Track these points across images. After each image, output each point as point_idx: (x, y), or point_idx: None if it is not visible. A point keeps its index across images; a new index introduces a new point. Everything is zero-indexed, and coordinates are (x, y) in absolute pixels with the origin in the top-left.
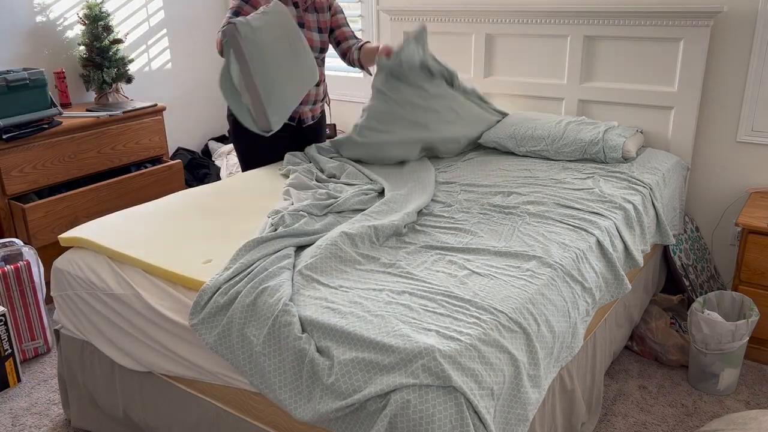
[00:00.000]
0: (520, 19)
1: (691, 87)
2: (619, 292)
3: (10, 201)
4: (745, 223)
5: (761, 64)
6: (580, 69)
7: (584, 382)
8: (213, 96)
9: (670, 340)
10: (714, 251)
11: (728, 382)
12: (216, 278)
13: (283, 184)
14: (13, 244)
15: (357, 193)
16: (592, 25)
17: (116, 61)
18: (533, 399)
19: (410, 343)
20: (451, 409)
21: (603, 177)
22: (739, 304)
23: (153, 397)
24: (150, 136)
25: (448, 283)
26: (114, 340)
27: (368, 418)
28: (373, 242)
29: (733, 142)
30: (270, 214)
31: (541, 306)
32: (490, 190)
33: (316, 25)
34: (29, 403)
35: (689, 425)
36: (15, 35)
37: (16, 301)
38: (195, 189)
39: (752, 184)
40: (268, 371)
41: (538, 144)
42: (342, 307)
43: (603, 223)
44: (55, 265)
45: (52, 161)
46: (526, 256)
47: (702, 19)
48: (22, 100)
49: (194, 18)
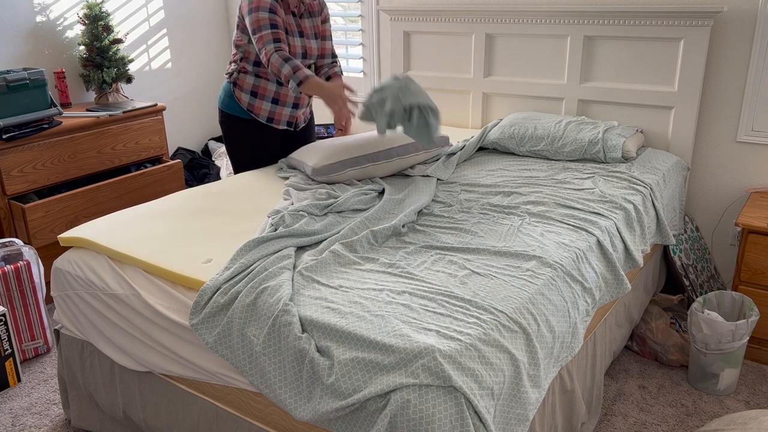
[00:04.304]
0: (520, 19)
1: (691, 87)
2: (619, 292)
3: (10, 201)
4: (745, 223)
5: (761, 64)
6: (580, 69)
7: (584, 382)
8: (213, 96)
9: (670, 340)
10: (714, 251)
11: (728, 382)
12: (216, 278)
13: (283, 184)
14: (13, 244)
15: (357, 193)
16: (592, 25)
17: (116, 61)
18: (533, 399)
19: (410, 342)
20: (451, 409)
21: (603, 177)
22: (739, 304)
23: (153, 397)
24: (150, 136)
25: (449, 283)
26: (114, 340)
27: (368, 418)
28: (372, 244)
29: (733, 142)
30: (270, 214)
31: (541, 306)
32: (490, 190)
33: (312, 31)
34: (29, 403)
35: (689, 425)
36: (15, 35)
37: (16, 301)
38: (195, 189)
39: (752, 184)
40: (268, 371)
41: (538, 144)
42: (342, 307)
43: (603, 223)
44: (55, 265)
45: (52, 161)
46: (526, 256)
47: (702, 19)
48: (22, 100)
49: (194, 18)
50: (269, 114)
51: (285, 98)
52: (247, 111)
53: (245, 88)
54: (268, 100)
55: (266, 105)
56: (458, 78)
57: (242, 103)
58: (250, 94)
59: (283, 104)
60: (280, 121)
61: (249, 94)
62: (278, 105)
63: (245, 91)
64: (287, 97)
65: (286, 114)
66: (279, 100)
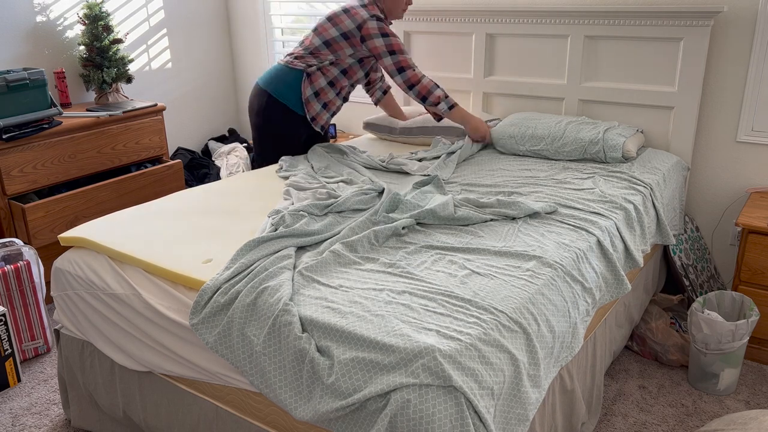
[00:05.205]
0: (521, 19)
1: (691, 87)
2: (619, 292)
3: (10, 201)
4: (745, 223)
5: (761, 64)
6: (581, 69)
7: (584, 382)
8: (213, 96)
9: (670, 340)
10: (714, 251)
11: (728, 382)
12: (216, 278)
13: (283, 184)
14: (13, 244)
15: (357, 193)
16: (592, 25)
17: (116, 61)
18: (533, 399)
19: (410, 342)
20: (451, 408)
21: (603, 177)
22: (739, 304)
23: (153, 397)
24: (150, 135)
25: (449, 282)
26: (114, 340)
27: (368, 418)
28: (372, 244)
29: (733, 142)
30: (270, 214)
31: (541, 306)
32: (490, 190)
33: None
34: (29, 403)
35: (689, 425)
36: (15, 35)
37: (16, 301)
38: (195, 189)
39: (752, 184)
40: (268, 371)
41: (538, 143)
42: (342, 307)
43: (603, 223)
44: (55, 265)
45: (52, 161)
46: (526, 256)
47: (702, 19)
48: (22, 100)
49: (194, 18)
50: (315, 115)
51: (332, 107)
52: (303, 104)
53: (314, 85)
54: (320, 103)
55: (318, 107)
56: (459, 78)
57: (303, 96)
58: (314, 93)
59: (328, 110)
60: (318, 123)
61: (313, 92)
62: (324, 110)
63: (312, 88)
64: (334, 106)
65: (325, 120)
66: (327, 105)
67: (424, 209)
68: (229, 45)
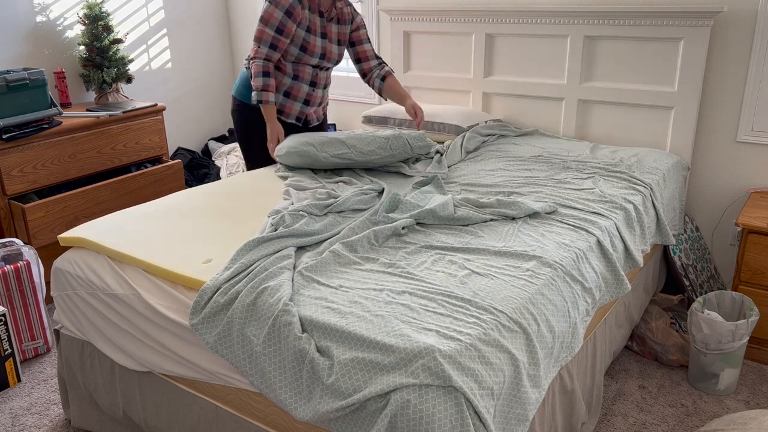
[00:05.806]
0: (520, 19)
1: (691, 87)
2: (619, 292)
3: (10, 201)
4: (745, 223)
5: (761, 64)
6: (580, 69)
7: (584, 382)
8: (213, 96)
9: (670, 340)
10: (714, 251)
11: (728, 382)
12: (216, 278)
13: (283, 184)
14: (13, 244)
15: (357, 193)
16: (592, 25)
17: (116, 61)
18: (533, 399)
19: (410, 342)
20: (451, 409)
21: (603, 177)
22: (739, 304)
23: (153, 397)
24: (150, 135)
25: (448, 282)
26: (114, 340)
27: (368, 418)
28: (372, 244)
29: (733, 142)
30: (270, 214)
31: (541, 306)
32: (490, 190)
33: (336, 37)
34: (29, 403)
35: (689, 425)
36: (15, 35)
37: (16, 301)
38: (195, 189)
39: (752, 184)
40: (268, 371)
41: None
42: (342, 307)
43: (603, 223)
44: (55, 265)
45: (52, 161)
46: (526, 256)
47: (702, 19)
48: (22, 100)
49: (194, 18)
50: (281, 107)
51: (297, 93)
52: None
53: None
54: (280, 92)
55: (279, 97)
56: (458, 78)
57: None
58: None
59: (294, 99)
60: (290, 115)
61: None
62: (289, 98)
63: None
64: (299, 92)
65: (296, 109)
66: (290, 93)
67: (423, 209)
68: (229, 45)
